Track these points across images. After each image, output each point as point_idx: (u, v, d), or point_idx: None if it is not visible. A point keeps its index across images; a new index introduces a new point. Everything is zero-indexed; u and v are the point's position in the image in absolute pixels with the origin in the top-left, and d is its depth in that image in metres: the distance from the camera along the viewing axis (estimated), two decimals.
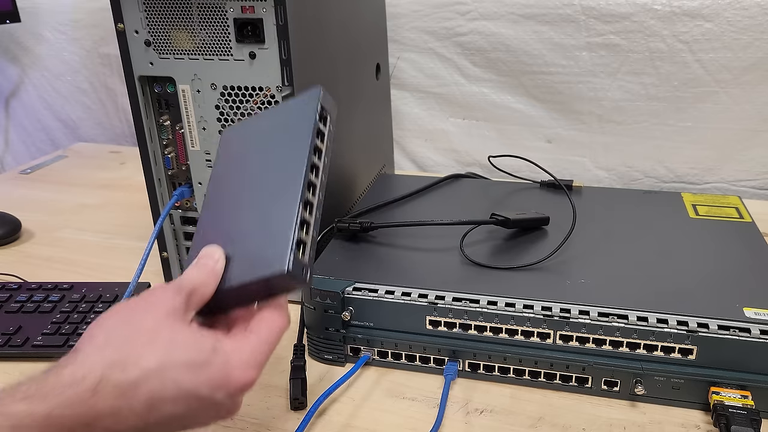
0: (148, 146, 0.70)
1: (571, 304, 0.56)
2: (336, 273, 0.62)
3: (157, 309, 0.36)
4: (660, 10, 0.92)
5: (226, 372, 0.36)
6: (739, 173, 0.99)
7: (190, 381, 0.34)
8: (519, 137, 1.07)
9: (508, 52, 1.01)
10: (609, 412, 0.55)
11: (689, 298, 0.56)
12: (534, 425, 0.54)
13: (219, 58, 0.63)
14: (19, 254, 0.88)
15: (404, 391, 0.58)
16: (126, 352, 0.33)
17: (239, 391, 0.37)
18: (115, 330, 0.35)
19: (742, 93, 0.93)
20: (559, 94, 1.02)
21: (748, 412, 0.51)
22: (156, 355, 0.34)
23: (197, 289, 0.39)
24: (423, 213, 0.76)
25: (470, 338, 0.58)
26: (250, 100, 0.64)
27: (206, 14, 0.62)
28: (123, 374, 0.33)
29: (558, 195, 0.79)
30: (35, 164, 1.23)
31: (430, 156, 1.14)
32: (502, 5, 0.99)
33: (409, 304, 0.58)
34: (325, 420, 0.55)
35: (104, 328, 0.35)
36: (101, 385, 0.32)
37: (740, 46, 0.90)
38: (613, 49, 0.96)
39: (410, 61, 1.08)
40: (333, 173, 0.75)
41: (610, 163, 1.04)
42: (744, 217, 0.72)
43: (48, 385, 0.32)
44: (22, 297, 0.71)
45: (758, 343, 0.52)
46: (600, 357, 0.56)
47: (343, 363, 0.62)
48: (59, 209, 1.02)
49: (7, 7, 1.15)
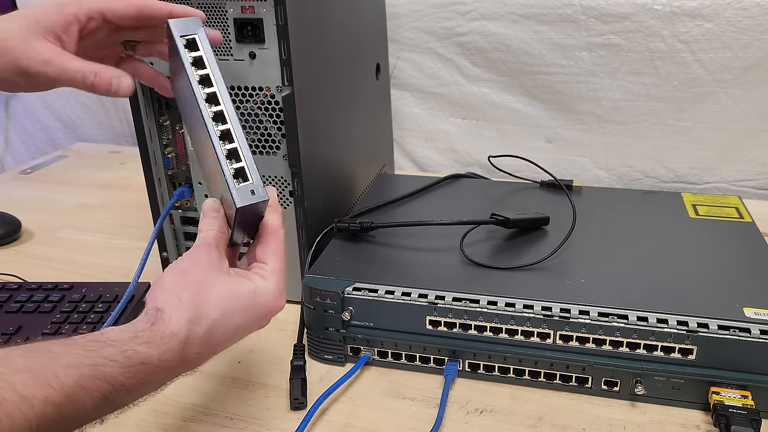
0: (148, 146, 0.70)
1: (571, 304, 0.56)
2: (336, 273, 0.62)
3: (203, 266, 0.47)
4: (660, 10, 0.92)
5: (265, 306, 0.48)
6: (739, 173, 0.99)
7: (243, 320, 0.47)
8: (519, 137, 1.07)
9: (508, 52, 1.01)
10: (609, 412, 0.55)
11: (689, 298, 0.56)
12: (534, 425, 0.54)
13: (219, 58, 0.63)
14: (19, 254, 0.88)
15: (404, 391, 0.58)
16: (197, 310, 0.44)
17: (274, 315, 0.50)
18: (182, 291, 0.45)
19: (742, 93, 0.93)
20: (559, 94, 1.02)
21: (748, 412, 0.51)
22: (217, 308, 0.45)
23: (219, 238, 0.50)
24: (423, 213, 0.76)
25: (470, 338, 0.58)
26: (250, 100, 0.64)
27: (206, 14, 0.62)
28: (200, 327, 0.44)
29: (558, 195, 0.79)
30: (35, 164, 1.23)
31: (430, 156, 1.14)
32: (502, 5, 0.99)
33: (409, 304, 0.58)
34: (325, 420, 0.55)
35: (172, 291, 0.45)
36: (189, 338, 0.44)
37: (740, 46, 0.90)
38: (613, 49, 0.96)
39: (410, 61, 1.08)
40: (333, 173, 0.76)
41: (610, 163, 1.04)
42: (744, 217, 0.72)
43: (156, 337, 0.43)
44: (22, 297, 0.71)
45: (758, 343, 0.52)
46: (600, 357, 0.56)
47: (343, 363, 0.62)
48: (59, 209, 1.02)
49: (6, 8, 1.15)
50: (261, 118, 0.64)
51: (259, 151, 0.66)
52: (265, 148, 0.66)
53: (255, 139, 0.66)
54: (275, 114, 0.64)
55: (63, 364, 0.38)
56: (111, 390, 0.40)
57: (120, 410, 0.42)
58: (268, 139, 0.65)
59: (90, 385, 0.38)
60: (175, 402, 0.58)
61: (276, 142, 0.65)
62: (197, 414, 0.56)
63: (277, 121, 0.64)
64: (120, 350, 0.41)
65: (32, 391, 0.36)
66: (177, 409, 0.57)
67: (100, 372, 0.39)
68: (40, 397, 0.36)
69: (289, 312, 0.71)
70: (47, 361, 0.38)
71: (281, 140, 0.65)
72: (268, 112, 0.64)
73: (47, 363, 0.38)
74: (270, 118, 0.64)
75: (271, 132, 0.65)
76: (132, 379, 0.41)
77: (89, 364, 0.39)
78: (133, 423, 0.55)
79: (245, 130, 0.65)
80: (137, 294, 0.72)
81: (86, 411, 0.39)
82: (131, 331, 0.42)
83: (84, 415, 0.39)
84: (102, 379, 0.39)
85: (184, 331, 0.44)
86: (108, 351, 0.40)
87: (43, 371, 0.37)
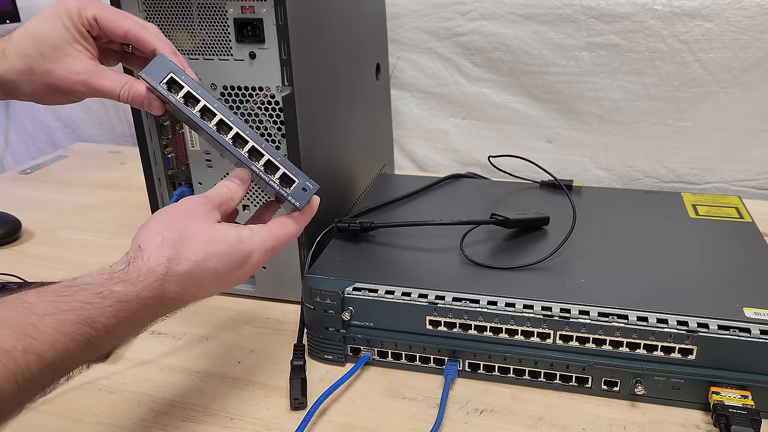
0: (148, 146, 0.70)
1: (571, 304, 0.56)
2: (336, 273, 0.62)
3: (194, 214, 0.48)
4: (660, 10, 0.92)
5: (246, 256, 0.49)
6: (739, 173, 0.99)
7: (222, 266, 0.47)
8: (519, 137, 1.07)
9: (508, 52, 1.01)
10: (609, 412, 0.55)
11: (689, 298, 0.56)
12: (534, 425, 0.54)
13: (219, 58, 0.63)
14: (19, 254, 0.88)
15: (404, 391, 0.58)
16: (178, 250, 0.45)
17: (252, 267, 0.50)
18: (166, 232, 0.46)
19: (742, 93, 0.93)
20: (559, 94, 1.02)
21: (748, 412, 0.51)
22: (199, 249, 0.46)
23: (223, 200, 0.50)
24: (423, 213, 0.76)
25: (470, 338, 0.58)
26: (250, 100, 0.64)
27: (206, 14, 0.62)
28: (179, 266, 0.45)
29: (558, 195, 0.79)
30: (35, 164, 1.23)
31: (430, 156, 1.14)
32: (502, 5, 0.99)
33: (409, 304, 0.58)
34: (325, 420, 0.55)
35: (157, 231, 0.46)
36: (168, 275, 0.44)
37: (740, 46, 0.90)
38: (613, 49, 0.96)
39: (410, 61, 1.08)
40: (333, 173, 0.76)
41: (610, 163, 1.04)
42: (744, 217, 0.72)
43: (133, 275, 0.43)
44: None
45: (758, 343, 0.52)
46: (600, 357, 0.56)
47: (343, 363, 0.62)
48: (59, 209, 1.02)
49: (7, 7, 1.15)
50: (261, 118, 0.64)
51: None
52: None
53: None
54: (275, 114, 0.64)
55: (38, 312, 0.38)
56: (92, 332, 0.40)
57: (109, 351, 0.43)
58: (268, 139, 0.65)
59: (70, 330, 0.38)
60: (175, 402, 0.58)
61: (276, 142, 0.65)
62: (197, 414, 0.56)
63: (277, 121, 0.64)
64: (95, 292, 0.41)
65: (11, 343, 0.36)
66: (177, 409, 0.57)
67: (78, 316, 0.39)
68: (20, 348, 0.36)
69: (289, 312, 0.71)
70: (22, 312, 0.38)
71: (281, 140, 0.65)
72: (268, 112, 0.64)
73: (22, 313, 0.38)
74: (270, 118, 0.64)
75: (271, 132, 0.65)
76: (112, 318, 0.41)
77: (65, 309, 0.39)
78: (133, 423, 0.55)
79: None
80: None
81: (71, 356, 0.39)
82: (106, 273, 0.43)
83: (69, 361, 0.39)
84: (82, 323, 0.39)
85: (163, 268, 0.44)
86: (82, 294, 0.40)
87: (19, 322, 0.37)
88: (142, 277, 0.43)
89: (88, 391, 0.59)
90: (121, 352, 0.65)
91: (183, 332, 0.68)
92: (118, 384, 0.60)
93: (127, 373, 0.62)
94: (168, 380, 0.61)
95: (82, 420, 0.56)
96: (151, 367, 0.63)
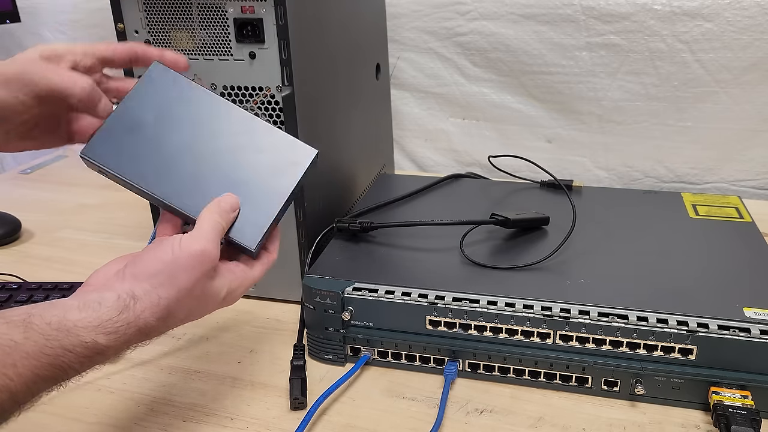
0: None
1: (571, 304, 0.56)
2: (336, 273, 0.62)
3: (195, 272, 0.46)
4: (660, 10, 0.92)
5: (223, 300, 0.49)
6: (739, 173, 0.99)
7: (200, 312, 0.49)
8: (519, 137, 1.07)
9: (508, 52, 1.01)
10: (609, 412, 0.55)
11: (689, 298, 0.56)
12: (534, 425, 0.54)
13: (219, 58, 0.63)
14: (19, 254, 0.88)
15: (404, 391, 0.58)
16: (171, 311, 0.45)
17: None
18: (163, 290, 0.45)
19: (742, 93, 0.93)
20: (559, 94, 1.02)
21: (748, 412, 0.51)
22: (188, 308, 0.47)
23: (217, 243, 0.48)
24: (423, 213, 0.76)
25: (470, 338, 0.58)
26: (250, 100, 0.64)
27: (206, 14, 0.62)
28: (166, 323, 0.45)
29: (558, 195, 0.79)
30: (35, 164, 1.23)
31: (430, 156, 1.14)
32: (502, 5, 0.99)
33: (409, 304, 0.58)
34: (325, 420, 0.55)
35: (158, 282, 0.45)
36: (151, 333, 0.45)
37: (740, 46, 0.90)
38: (613, 49, 0.96)
39: (410, 61, 1.08)
40: (333, 173, 0.76)
41: (610, 163, 1.04)
42: (744, 217, 0.72)
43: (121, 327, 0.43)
44: (22, 297, 0.71)
45: (758, 343, 0.52)
46: (600, 357, 0.56)
47: (343, 363, 0.62)
48: (59, 209, 1.02)
49: (7, 7, 1.15)
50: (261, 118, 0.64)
51: None
52: None
53: None
54: (275, 114, 0.64)
55: (22, 353, 0.39)
56: (64, 376, 0.41)
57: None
58: None
59: (46, 374, 0.40)
60: (175, 402, 0.58)
61: None
62: (197, 414, 0.56)
63: (277, 121, 0.64)
64: (81, 340, 0.41)
65: None
66: (177, 409, 0.57)
67: (57, 361, 0.40)
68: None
69: (289, 312, 0.71)
70: (7, 351, 0.38)
71: None
72: (268, 112, 0.64)
73: (7, 353, 0.38)
74: (270, 119, 0.64)
75: None
76: (86, 366, 0.42)
77: (47, 354, 0.40)
78: (133, 423, 0.55)
79: None
80: None
81: (38, 392, 0.40)
82: (95, 318, 0.42)
83: (35, 397, 0.40)
84: (59, 368, 0.40)
85: (150, 327, 0.44)
86: (69, 340, 0.41)
87: (2, 361, 0.38)
88: (130, 330, 0.43)
89: (88, 391, 0.59)
90: None
91: (183, 332, 0.68)
92: (118, 384, 0.60)
93: (127, 373, 0.62)
94: (168, 380, 0.61)
95: (82, 420, 0.56)
96: (151, 367, 0.63)
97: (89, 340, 0.41)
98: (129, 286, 0.44)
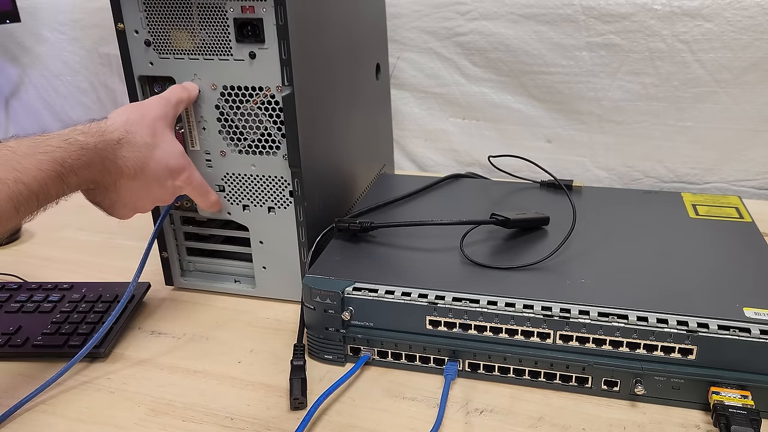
0: None
1: (571, 304, 0.56)
2: (336, 273, 0.62)
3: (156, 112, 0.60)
4: (660, 10, 0.92)
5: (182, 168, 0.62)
6: (739, 173, 0.99)
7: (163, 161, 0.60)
8: (519, 137, 1.07)
9: (508, 52, 1.02)
10: (609, 412, 0.55)
11: (689, 298, 0.56)
12: (534, 425, 0.54)
13: (219, 58, 0.63)
14: (19, 254, 0.88)
15: (404, 391, 0.58)
16: (136, 128, 0.58)
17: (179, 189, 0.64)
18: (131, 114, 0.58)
19: (742, 93, 0.93)
20: (559, 94, 1.02)
21: (748, 412, 0.51)
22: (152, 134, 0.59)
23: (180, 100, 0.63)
24: (423, 213, 0.76)
25: (470, 338, 0.58)
26: (250, 100, 0.64)
27: (206, 14, 0.62)
28: (134, 138, 0.57)
29: (558, 195, 0.79)
30: None
31: (430, 156, 1.14)
32: (502, 5, 0.99)
33: (409, 304, 0.58)
34: (325, 420, 0.55)
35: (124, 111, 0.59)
36: (123, 140, 0.56)
37: (740, 46, 0.90)
38: (613, 49, 0.96)
39: (410, 61, 1.08)
40: (333, 173, 0.76)
41: (610, 163, 1.04)
42: (744, 217, 0.72)
43: (93, 129, 0.55)
44: (22, 297, 0.72)
45: (758, 343, 0.52)
46: (600, 357, 0.56)
47: (343, 363, 0.62)
48: (59, 209, 1.01)
49: (7, 7, 1.15)
50: (261, 118, 0.64)
51: (259, 151, 0.66)
52: (265, 148, 0.66)
53: (255, 139, 0.66)
54: (275, 114, 0.64)
55: (20, 153, 0.49)
56: (62, 170, 0.51)
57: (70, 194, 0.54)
58: (268, 139, 0.65)
59: (46, 167, 0.49)
60: (175, 402, 0.58)
61: (276, 142, 0.65)
62: (197, 414, 0.56)
63: (277, 121, 0.64)
64: (63, 139, 0.52)
65: (3, 175, 0.47)
66: (177, 409, 0.57)
67: (50, 156, 0.50)
68: (11, 178, 0.47)
69: (289, 312, 0.71)
70: (7, 153, 0.48)
71: (281, 140, 0.65)
72: (268, 112, 0.64)
73: (7, 155, 0.48)
74: (270, 118, 0.64)
75: (271, 132, 0.65)
76: (77, 160, 0.52)
77: (41, 152, 0.50)
78: (133, 423, 0.55)
79: (245, 129, 0.66)
80: (137, 294, 0.72)
81: (47, 189, 0.50)
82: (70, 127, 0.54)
83: (47, 193, 0.50)
84: (54, 161, 0.50)
85: (120, 133, 0.56)
86: (53, 140, 0.51)
87: (6, 161, 0.48)
88: (101, 132, 0.54)
89: (88, 391, 0.59)
90: (120, 352, 0.65)
91: (183, 332, 0.68)
92: (118, 384, 0.60)
93: (127, 373, 0.62)
94: (168, 380, 0.61)
95: (82, 420, 0.56)
96: (151, 366, 0.63)
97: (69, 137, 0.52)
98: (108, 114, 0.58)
